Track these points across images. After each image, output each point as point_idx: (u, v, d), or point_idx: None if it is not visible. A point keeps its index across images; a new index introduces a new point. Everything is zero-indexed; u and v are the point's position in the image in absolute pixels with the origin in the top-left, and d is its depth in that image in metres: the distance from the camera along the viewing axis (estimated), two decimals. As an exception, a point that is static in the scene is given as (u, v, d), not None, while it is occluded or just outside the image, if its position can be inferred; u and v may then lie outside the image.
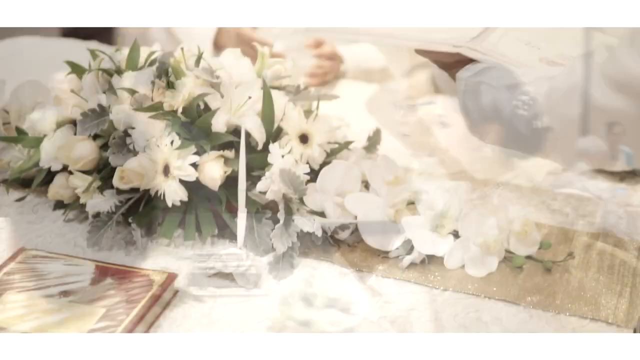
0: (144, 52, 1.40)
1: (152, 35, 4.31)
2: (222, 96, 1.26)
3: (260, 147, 1.26)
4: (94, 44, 2.26)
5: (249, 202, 1.22)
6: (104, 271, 1.17)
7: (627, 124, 0.91)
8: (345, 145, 1.34)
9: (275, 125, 1.28)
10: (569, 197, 1.44)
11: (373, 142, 1.42)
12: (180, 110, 1.24)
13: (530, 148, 1.10)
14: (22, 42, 2.33)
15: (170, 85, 1.27)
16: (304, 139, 1.28)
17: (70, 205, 1.34)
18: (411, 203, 1.27)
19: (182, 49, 1.34)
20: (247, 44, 2.03)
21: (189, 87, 1.24)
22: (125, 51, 1.40)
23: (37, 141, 1.37)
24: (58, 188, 1.35)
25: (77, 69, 1.43)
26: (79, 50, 2.20)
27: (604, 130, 0.95)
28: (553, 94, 1.01)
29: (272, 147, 1.23)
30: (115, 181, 1.24)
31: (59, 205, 1.37)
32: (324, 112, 1.36)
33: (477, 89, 1.15)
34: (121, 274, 1.17)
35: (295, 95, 1.35)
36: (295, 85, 1.37)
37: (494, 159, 1.58)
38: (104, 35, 4.72)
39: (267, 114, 1.26)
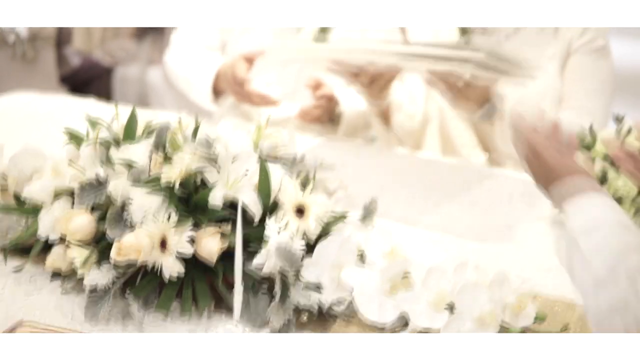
0: (141, 121, 1.41)
1: (150, 81, 4.34)
2: (218, 170, 1.28)
3: (256, 221, 1.27)
4: (91, 101, 2.29)
5: (245, 276, 1.23)
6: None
7: None
8: (341, 218, 1.35)
9: (272, 199, 1.29)
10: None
11: (369, 212, 1.43)
12: (177, 184, 1.25)
13: None
14: (18, 99, 2.35)
15: (167, 159, 1.28)
16: (300, 212, 1.29)
17: (67, 277, 1.35)
18: (406, 277, 1.28)
19: (179, 119, 1.36)
20: (244, 94, 2.09)
21: (185, 162, 1.25)
22: (123, 118, 1.42)
23: (35, 211, 1.38)
24: (55, 259, 1.35)
25: (75, 139, 1.45)
26: (76, 107, 2.23)
27: None
28: None
29: (269, 222, 1.25)
30: (113, 255, 1.24)
31: (57, 275, 1.38)
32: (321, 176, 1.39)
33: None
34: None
35: (292, 166, 1.37)
36: (292, 156, 1.39)
37: None
38: (101, 87, 4.76)
39: (264, 188, 1.27)
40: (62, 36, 4.53)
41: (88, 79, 4.85)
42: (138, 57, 4.95)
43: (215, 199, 1.26)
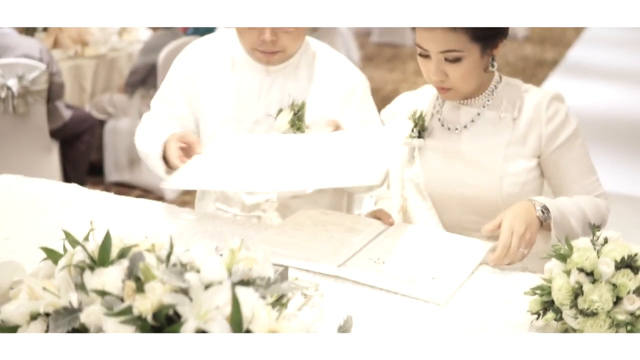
0: (116, 241, 1.42)
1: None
2: (190, 300, 1.28)
3: (229, 351, 1.28)
4: (73, 187, 2.30)
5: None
6: None
7: None
8: (315, 343, 1.35)
9: (244, 328, 1.29)
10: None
11: (344, 331, 1.44)
12: (149, 317, 1.26)
13: None
14: (3, 180, 2.36)
15: (140, 288, 1.29)
16: (273, 339, 1.29)
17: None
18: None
19: (153, 244, 1.37)
20: None
21: (158, 295, 1.26)
22: (99, 237, 1.43)
23: (13, 330, 1.39)
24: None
25: (52, 255, 1.46)
26: (59, 193, 2.24)
27: None
28: None
29: (240, 354, 1.25)
30: (85, 388, 1.25)
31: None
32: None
33: None
34: None
35: (266, 288, 1.37)
36: (266, 278, 1.39)
37: None
38: (92, 140, 4.78)
39: (235, 319, 1.27)
40: (54, 90, 4.55)
41: (79, 132, 4.88)
42: (128, 110, 4.98)
43: (187, 330, 1.26)
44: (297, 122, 2.29)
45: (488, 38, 2.06)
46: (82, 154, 4.95)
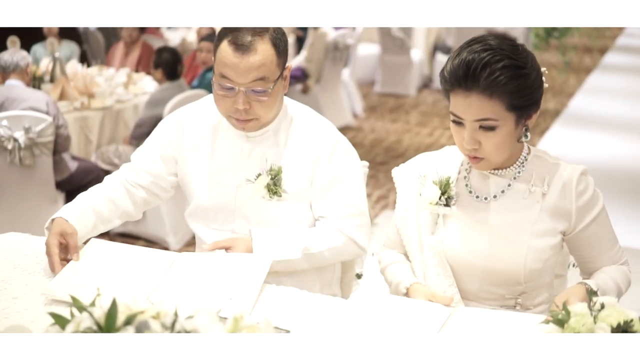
0: (122, 307, 1.45)
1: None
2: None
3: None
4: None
5: None
6: None
7: None
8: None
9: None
10: None
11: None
12: (154, 385, 1.29)
13: None
14: (8, 239, 2.39)
15: (146, 356, 1.32)
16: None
17: None
18: None
19: (158, 312, 1.40)
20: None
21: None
22: (105, 304, 1.46)
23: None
24: None
25: (59, 320, 1.49)
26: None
27: None
28: None
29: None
30: None
31: None
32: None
33: None
34: None
35: (268, 355, 1.40)
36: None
37: None
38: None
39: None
40: (60, 143, 4.60)
41: (85, 184, 4.91)
42: (134, 162, 5.02)
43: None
44: (274, 187, 2.34)
45: (523, 108, 2.04)
46: (87, 205, 4.98)
